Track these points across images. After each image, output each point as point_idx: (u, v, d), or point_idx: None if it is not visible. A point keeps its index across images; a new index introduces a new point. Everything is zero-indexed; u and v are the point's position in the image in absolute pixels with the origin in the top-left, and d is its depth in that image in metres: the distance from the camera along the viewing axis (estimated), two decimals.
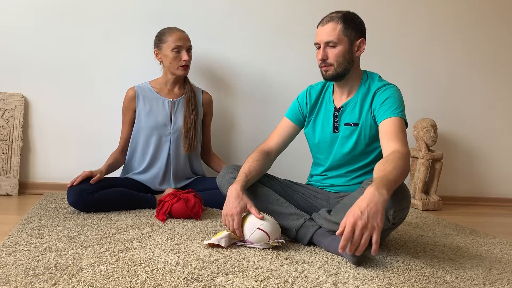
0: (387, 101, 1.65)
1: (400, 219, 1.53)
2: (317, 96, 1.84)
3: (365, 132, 1.71)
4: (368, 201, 1.27)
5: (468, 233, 2.07)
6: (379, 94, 1.69)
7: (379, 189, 1.30)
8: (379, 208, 1.26)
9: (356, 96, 1.74)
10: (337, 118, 1.76)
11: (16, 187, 2.41)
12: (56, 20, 2.48)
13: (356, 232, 1.25)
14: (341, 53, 1.68)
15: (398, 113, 1.62)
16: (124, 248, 1.46)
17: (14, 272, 1.19)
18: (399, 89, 1.71)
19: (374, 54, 2.86)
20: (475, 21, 3.03)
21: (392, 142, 1.56)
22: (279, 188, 1.82)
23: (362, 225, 1.24)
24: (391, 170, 1.40)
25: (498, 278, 1.42)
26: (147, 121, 2.25)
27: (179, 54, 2.22)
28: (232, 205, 1.57)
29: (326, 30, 1.68)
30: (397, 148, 1.52)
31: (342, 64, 1.69)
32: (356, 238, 1.25)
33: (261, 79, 2.74)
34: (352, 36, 1.70)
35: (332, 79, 1.72)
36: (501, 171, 3.13)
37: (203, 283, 1.20)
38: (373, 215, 1.25)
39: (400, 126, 1.60)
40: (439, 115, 2.97)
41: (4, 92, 2.43)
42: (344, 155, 1.76)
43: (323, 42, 1.69)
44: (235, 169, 1.77)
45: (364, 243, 1.26)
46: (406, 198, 1.50)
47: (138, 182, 2.24)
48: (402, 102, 1.67)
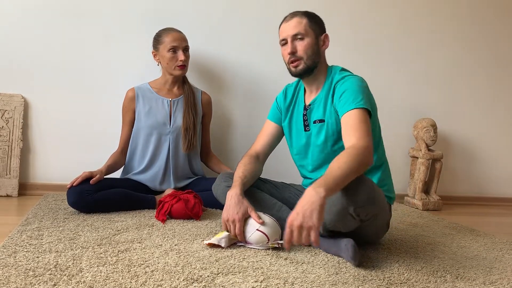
0: (344, 94, 1.59)
1: (367, 216, 1.48)
2: (292, 96, 1.83)
3: (332, 128, 1.66)
4: (304, 202, 1.28)
5: (468, 233, 2.07)
6: (338, 87, 1.64)
7: (316, 188, 1.29)
8: (314, 207, 1.26)
9: (322, 92, 1.71)
10: (306, 117, 1.74)
11: (16, 188, 2.40)
12: (56, 21, 2.48)
13: (294, 232, 1.26)
14: (309, 45, 1.66)
15: (356, 104, 1.54)
16: (124, 249, 1.46)
17: (14, 273, 1.19)
18: (360, 79, 1.64)
19: (374, 53, 2.87)
20: (475, 21, 3.03)
21: (349, 136, 1.51)
22: (275, 191, 1.82)
23: (297, 225, 1.25)
24: (338, 165, 1.36)
25: (498, 278, 1.42)
26: (146, 120, 2.25)
27: (175, 54, 2.22)
28: (233, 211, 1.57)
29: (292, 24, 1.68)
30: (353, 143, 1.47)
31: (311, 57, 1.67)
32: (294, 238, 1.26)
33: (260, 79, 2.74)
34: (317, 30, 1.69)
35: (302, 73, 1.69)
36: (501, 171, 3.13)
37: (203, 283, 1.20)
38: (308, 215, 1.25)
39: (358, 118, 1.52)
40: (439, 115, 2.97)
41: (4, 93, 2.43)
42: (319, 153, 1.72)
43: (290, 35, 1.67)
44: (229, 177, 1.77)
45: (305, 241, 1.26)
46: (366, 195, 1.43)
47: (138, 183, 2.24)
48: (363, 91, 1.59)
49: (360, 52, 2.81)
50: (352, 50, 2.82)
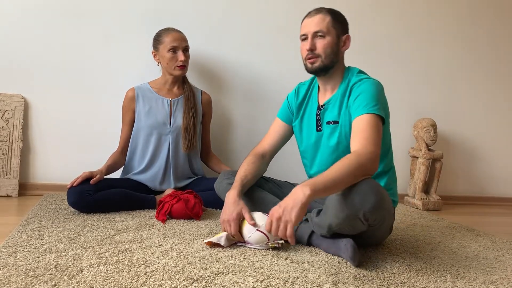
0: (359, 97, 1.57)
1: (376, 221, 1.45)
2: (304, 94, 1.81)
3: (345, 130, 1.64)
4: (289, 197, 1.32)
5: (468, 233, 2.07)
6: (354, 89, 1.62)
7: (303, 187, 1.31)
8: (295, 204, 1.29)
9: (337, 92, 1.69)
10: (319, 117, 1.72)
11: (16, 188, 2.41)
12: (56, 21, 2.48)
13: (273, 223, 1.32)
14: (329, 44, 1.65)
15: (369, 109, 1.52)
16: (124, 249, 1.46)
17: (14, 273, 1.19)
18: (376, 83, 1.62)
19: (374, 53, 2.87)
20: (475, 21, 3.03)
21: (355, 142, 1.49)
22: (277, 189, 1.82)
23: (276, 217, 1.31)
24: (333, 171, 1.35)
25: (498, 278, 1.42)
26: (146, 120, 2.25)
27: (175, 55, 2.23)
28: (229, 211, 1.58)
29: (315, 20, 1.65)
30: (357, 148, 1.45)
31: (329, 56, 1.65)
32: (273, 228, 1.32)
33: (260, 79, 2.74)
34: (339, 30, 1.68)
35: (317, 71, 1.67)
36: (501, 171, 3.13)
37: (203, 283, 1.20)
38: (289, 210, 1.29)
39: (369, 123, 1.50)
40: (439, 114, 2.97)
41: (4, 93, 2.43)
42: (329, 154, 1.70)
43: (311, 32, 1.65)
44: (231, 174, 1.77)
45: (280, 233, 1.31)
46: (377, 200, 1.38)
47: (138, 183, 2.24)
48: (378, 96, 1.57)
49: (360, 52, 2.81)
50: (352, 50, 2.80)
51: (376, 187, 1.41)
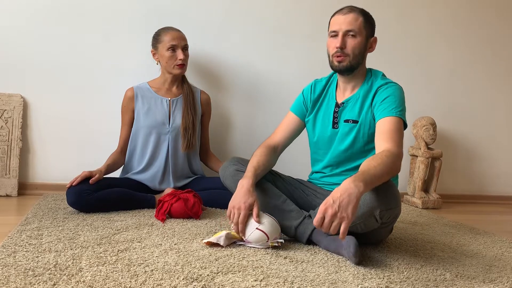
0: (386, 100, 1.62)
1: (389, 219, 1.50)
2: (321, 91, 1.82)
3: (364, 130, 1.69)
4: (342, 191, 1.28)
5: (468, 231, 2.07)
6: (381, 92, 1.66)
7: (355, 181, 1.30)
8: (351, 199, 1.26)
9: (358, 92, 1.72)
10: (337, 114, 1.74)
11: (15, 188, 2.40)
12: (55, 21, 2.47)
13: (326, 220, 1.26)
14: (359, 45, 1.66)
15: (396, 113, 1.59)
16: (123, 248, 1.46)
17: (14, 273, 1.19)
18: (401, 88, 1.68)
19: (374, 52, 2.86)
20: (475, 20, 3.02)
21: (384, 142, 1.53)
22: (281, 184, 1.81)
23: (332, 213, 1.26)
24: (375, 165, 1.38)
25: (498, 276, 1.42)
26: (145, 120, 2.25)
27: (174, 53, 2.22)
28: (241, 199, 1.55)
29: (349, 19, 1.65)
30: (387, 148, 1.50)
31: (357, 57, 1.67)
32: (325, 225, 1.27)
33: (260, 79, 2.74)
34: (369, 32, 1.70)
35: (343, 70, 1.68)
36: (500, 169, 3.13)
37: (202, 282, 1.20)
38: (344, 205, 1.26)
39: (396, 126, 1.57)
40: (438, 113, 2.96)
41: (3, 93, 2.43)
42: (342, 152, 1.73)
43: (343, 30, 1.65)
44: (238, 161, 1.76)
45: (333, 230, 1.27)
46: (394, 198, 1.47)
47: (137, 182, 2.24)
48: (403, 102, 1.64)
49: None
50: None
51: (394, 186, 1.49)
